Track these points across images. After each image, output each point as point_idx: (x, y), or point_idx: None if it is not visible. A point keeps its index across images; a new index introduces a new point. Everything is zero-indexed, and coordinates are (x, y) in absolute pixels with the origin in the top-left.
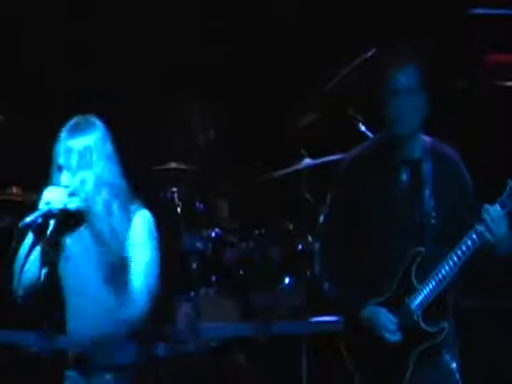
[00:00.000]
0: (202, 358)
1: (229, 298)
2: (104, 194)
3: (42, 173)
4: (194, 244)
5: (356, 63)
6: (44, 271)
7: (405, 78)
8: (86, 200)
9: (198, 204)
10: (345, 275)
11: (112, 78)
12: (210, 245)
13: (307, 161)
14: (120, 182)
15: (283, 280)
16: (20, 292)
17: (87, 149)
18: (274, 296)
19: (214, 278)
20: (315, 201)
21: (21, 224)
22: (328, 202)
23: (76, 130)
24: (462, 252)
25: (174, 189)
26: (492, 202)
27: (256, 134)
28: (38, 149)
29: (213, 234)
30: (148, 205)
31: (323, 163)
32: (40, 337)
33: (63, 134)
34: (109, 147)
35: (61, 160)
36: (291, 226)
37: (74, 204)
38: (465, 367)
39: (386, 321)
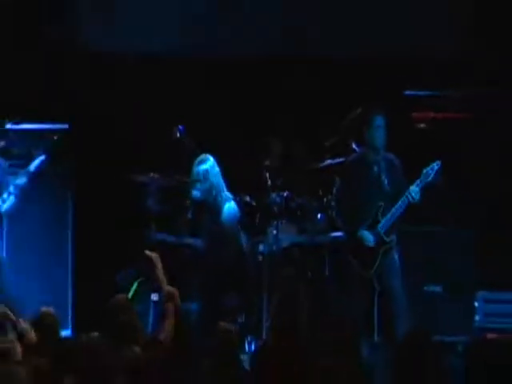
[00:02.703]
0: (279, 253)
1: (292, 224)
2: (213, 191)
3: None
4: (275, 199)
5: (352, 115)
6: None
7: (381, 120)
8: (205, 194)
9: (277, 180)
10: (348, 215)
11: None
12: (283, 200)
13: (329, 161)
14: (221, 186)
15: (318, 217)
16: None
17: (206, 170)
18: (314, 223)
19: (286, 215)
20: (332, 179)
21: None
22: (338, 180)
23: (200, 162)
24: (401, 204)
25: (267, 174)
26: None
27: (309, 145)
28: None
29: (285, 194)
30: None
31: (336, 162)
32: None
33: (195, 163)
34: (215, 169)
35: (194, 177)
36: (321, 192)
37: (199, 196)
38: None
39: (368, 237)
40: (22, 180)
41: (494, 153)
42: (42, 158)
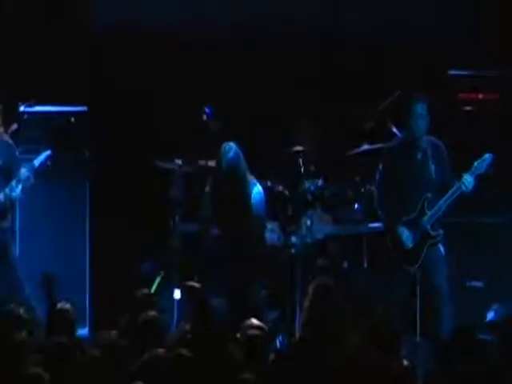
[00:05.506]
0: (313, 245)
1: (327, 214)
2: (243, 181)
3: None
4: (310, 187)
5: (391, 98)
6: None
7: (423, 107)
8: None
9: (311, 166)
10: (390, 207)
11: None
12: (318, 188)
13: (365, 146)
14: (247, 171)
15: (355, 206)
16: None
17: (234, 164)
18: (350, 213)
19: (319, 204)
20: (371, 165)
21: None
22: (380, 168)
23: (226, 153)
24: (451, 195)
25: (300, 160)
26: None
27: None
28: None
29: (319, 183)
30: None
31: (375, 148)
32: None
33: (222, 155)
34: (241, 158)
35: (224, 170)
36: (357, 178)
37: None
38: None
39: (407, 238)
40: (24, 175)
41: None
42: (48, 153)
